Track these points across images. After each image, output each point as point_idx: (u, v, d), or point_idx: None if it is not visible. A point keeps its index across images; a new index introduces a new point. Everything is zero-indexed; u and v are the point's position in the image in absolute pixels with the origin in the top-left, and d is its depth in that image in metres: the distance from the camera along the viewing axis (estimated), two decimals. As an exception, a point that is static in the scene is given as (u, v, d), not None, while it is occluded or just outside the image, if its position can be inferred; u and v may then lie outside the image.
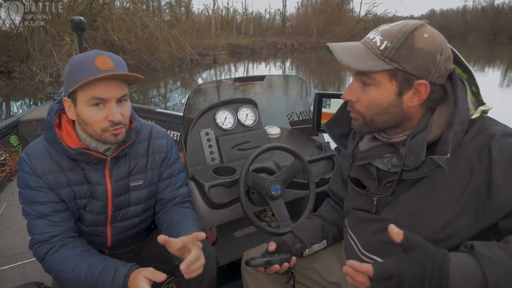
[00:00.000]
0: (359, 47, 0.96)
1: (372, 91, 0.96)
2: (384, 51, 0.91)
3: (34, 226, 1.25)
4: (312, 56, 27.35)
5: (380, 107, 0.96)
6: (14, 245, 2.38)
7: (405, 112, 0.96)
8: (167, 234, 1.31)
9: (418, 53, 0.89)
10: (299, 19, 39.90)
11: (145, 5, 18.98)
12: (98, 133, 1.20)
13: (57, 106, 1.28)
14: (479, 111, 0.93)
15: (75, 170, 1.28)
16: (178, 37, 16.91)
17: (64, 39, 12.33)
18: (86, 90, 1.15)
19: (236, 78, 2.03)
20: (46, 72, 12.36)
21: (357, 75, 0.98)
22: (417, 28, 0.90)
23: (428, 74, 0.90)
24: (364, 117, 1.00)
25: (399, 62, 0.89)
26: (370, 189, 1.09)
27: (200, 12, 35.65)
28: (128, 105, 1.25)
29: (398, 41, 0.89)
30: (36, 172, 1.23)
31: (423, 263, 0.78)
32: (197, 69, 18.23)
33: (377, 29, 0.96)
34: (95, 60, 1.14)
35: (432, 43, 0.89)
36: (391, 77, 0.92)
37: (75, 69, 1.16)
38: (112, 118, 1.18)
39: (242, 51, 27.67)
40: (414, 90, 0.92)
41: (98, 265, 1.18)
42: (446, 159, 0.85)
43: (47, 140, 1.25)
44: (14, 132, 3.67)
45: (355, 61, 0.94)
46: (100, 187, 1.31)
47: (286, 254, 1.22)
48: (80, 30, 2.93)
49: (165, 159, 1.46)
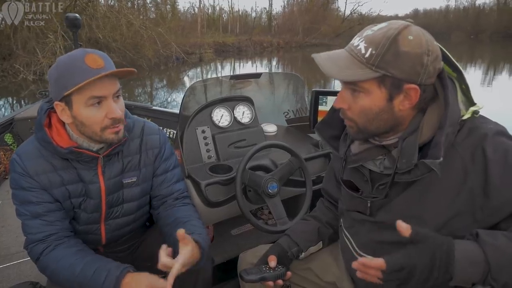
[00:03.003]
0: (344, 56, 0.94)
1: (362, 99, 0.94)
2: (369, 59, 0.88)
3: (29, 226, 1.24)
4: (298, 55, 27.45)
5: (371, 114, 0.95)
6: (10, 244, 2.35)
7: (397, 117, 0.94)
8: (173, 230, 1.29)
9: (404, 57, 0.86)
10: (285, 17, 40.03)
11: (130, 3, 18.84)
12: (98, 133, 1.18)
13: (46, 106, 1.25)
14: (470, 112, 0.93)
15: (68, 169, 1.26)
16: (163, 35, 16.80)
17: (48, 36, 12.13)
18: (82, 92, 1.12)
19: (232, 75, 2.03)
20: (29, 70, 12.14)
21: (346, 84, 0.96)
22: (400, 31, 0.87)
23: (417, 76, 0.88)
24: (357, 124, 0.99)
25: (386, 69, 0.87)
26: (364, 191, 1.09)
27: (186, 10, 35.56)
28: (122, 100, 1.24)
29: (382, 47, 0.87)
30: (28, 173, 1.21)
31: (432, 253, 0.82)
32: (183, 68, 18.15)
33: (361, 34, 0.94)
34: (85, 59, 1.11)
35: (418, 45, 0.87)
36: (379, 84, 0.91)
37: (66, 72, 1.12)
38: (113, 115, 1.16)
39: (229, 50, 27.64)
40: (404, 94, 0.91)
41: (92, 264, 1.16)
42: (439, 163, 0.84)
43: (38, 140, 1.23)
44: (9, 130, 3.63)
45: (341, 71, 0.92)
46: (93, 185, 1.30)
47: (282, 268, 1.20)
48: (76, 28, 2.89)
49: (158, 155, 1.44)
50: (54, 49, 12.01)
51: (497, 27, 47.95)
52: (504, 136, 0.89)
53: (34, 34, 12.45)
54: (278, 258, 1.22)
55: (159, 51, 16.49)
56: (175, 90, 12.82)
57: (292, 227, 1.36)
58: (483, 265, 0.78)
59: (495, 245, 0.79)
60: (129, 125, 1.34)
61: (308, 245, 1.29)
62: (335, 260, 1.30)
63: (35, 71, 12.15)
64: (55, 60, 1.18)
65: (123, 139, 1.28)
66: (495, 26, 48.41)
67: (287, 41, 33.59)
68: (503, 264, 0.78)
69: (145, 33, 15.75)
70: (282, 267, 1.20)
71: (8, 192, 3.03)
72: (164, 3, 22.45)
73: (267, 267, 1.19)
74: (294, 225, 1.38)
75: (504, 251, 0.79)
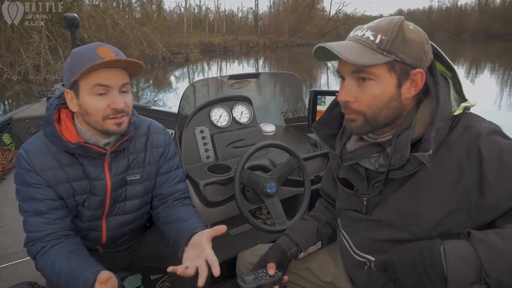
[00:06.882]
0: (353, 44, 0.95)
1: (371, 87, 0.94)
2: (380, 44, 0.90)
3: (30, 224, 1.24)
4: (284, 55, 27.53)
5: (382, 102, 0.95)
6: (7, 245, 2.34)
7: (402, 105, 0.96)
8: (172, 229, 1.32)
9: (410, 44, 0.90)
10: (271, 18, 40.07)
11: (115, 3, 18.65)
12: (100, 123, 1.19)
13: (56, 101, 1.27)
14: (461, 108, 0.94)
15: (74, 166, 1.27)
16: (149, 35, 16.70)
17: (32, 36, 11.96)
18: (89, 78, 1.14)
19: (231, 75, 2.02)
20: (13, 70, 11.98)
21: (354, 73, 0.96)
22: (403, 21, 0.92)
23: (421, 63, 0.92)
24: (365, 116, 0.97)
25: (397, 54, 0.90)
26: (359, 189, 1.10)
27: (172, 10, 35.30)
28: (130, 95, 1.25)
29: (391, 33, 0.90)
30: (34, 169, 1.22)
31: (411, 251, 0.86)
32: (170, 67, 18.05)
33: (360, 28, 0.96)
34: (97, 49, 1.15)
35: (418, 34, 0.93)
36: (390, 70, 0.92)
37: (77, 60, 1.16)
38: (115, 106, 1.17)
39: (215, 49, 27.57)
40: (410, 80, 0.93)
41: (75, 270, 1.15)
42: (429, 156, 0.86)
43: (46, 135, 1.24)
44: (7, 130, 3.61)
45: (357, 56, 0.91)
46: (100, 182, 1.30)
47: (279, 272, 1.20)
48: (74, 27, 2.86)
49: (163, 154, 1.46)
50: (39, 49, 11.86)
51: (478, 27, 49.03)
52: (498, 135, 0.90)
53: (18, 34, 12.27)
54: (277, 260, 1.22)
55: (145, 51, 16.42)
56: (162, 90, 12.76)
57: (291, 227, 1.36)
58: (474, 260, 0.78)
59: (485, 241, 0.80)
60: (135, 123, 1.36)
61: (307, 245, 1.30)
62: (333, 260, 1.31)
63: (20, 71, 11.99)
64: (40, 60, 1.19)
65: (128, 134, 1.29)
66: (476, 26, 49.48)
67: (273, 41, 33.65)
68: (494, 260, 0.78)
69: (130, 33, 15.66)
70: (279, 271, 1.20)
71: (6, 192, 3.00)
72: (149, 3, 22.24)
73: (264, 271, 1.19)
74: (293, 225, 1.39)
75: (494, 246, 0.79)
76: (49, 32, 12.18)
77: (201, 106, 1.93)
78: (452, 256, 0.79)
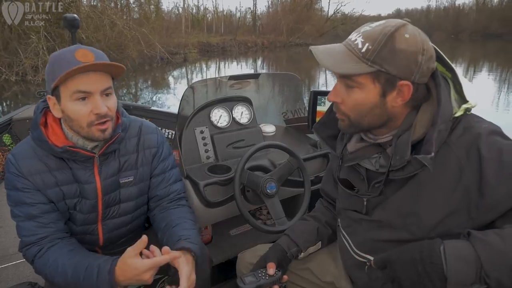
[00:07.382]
0: (341, 50, 0.95)
1: (355, 93, 0.95)
2: (365, 54, 0.90)
3: (23, 228, 1.23)
4: (283, 55, 27.52)
5: (364, 109, 0.96)
6: (8, 245, 2.34)
7: (389, 113, 0.96)
8: (165, 236, 1.32)
9: (399, 55, 0.88)
10: (270, 17, 40.14)
11: (113, 3, 18.59)
12: (85, 129, 1.17)
13: (42, 105, 1.25)
14: (462, 109, 0.94)
15: (62, 170, 1.25)
16: (147, 35, 16.67)
17: (30, 37, 11.93)
18: (68, 84, 1.11)
19: (231, 75, 2.01)
20: (12, 71, 11.96)
21: (341, 78, 0.98)
22: (397, 29, 0.89)
23: (411, 74, 0.89)
24: (349, 118, 1.00)
25: (381, 64, 0.89)
26: (360, 189, 1.10)
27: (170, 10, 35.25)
28: (113, 98, 1.22)
29: (379, 43, 0.89)
30: (22, 173, 1.20)
31: (411, 250, 0.86)
32: (168, 68, 18.03)
33: (359, 30, 0.96)
34: (75, 53, 1.11)
35: (413, 44, 0.89)
36: (374, 79, 0.92)
37: (56, 64, 1.13)
38: (97, 111, 1.14)
39: (213, 49, 27.57)
40: (397, 90, 0.92)
41: (82, 264, 1.15)
42: (431, 158, 0.86)
43: (34, 139, 1.22)
44: (7, 131, 3.61)
45: (336, 64, 0.94)
46: (89, 186, 1.28)
47: (278, 272, 1.20)
48: (74, 28, 2.84)
49: (156, 154, 1.43)
50: (37, 49, 11.84)
51: (476, 27, 49.13)
52: (498, 135, 0.91)
53: (16, 34, 12.25)
54: (277, 260, 1.22)
55: (143, 51, 16.38)
56: (160, 90, 12.75)
57: (291, 227, 1.37)
58: (474, 260, 0.78)
59: (485, 241, 0.80)
60: (125, 124, 1.32)
61: (307, 245, 1.30)
62: (333, 260, 1.31)
63: (18, 72, 11.97)
64: (38, 60, 1.18)
65: (115, 136, 1.26)
66: (474, 26, 49.59)
67: (272, 41, 33.67)
68: (494, 260, 0.78)
69: (128, 33, 15.61)
70: (278, 271, 1.20)
71: (5, 193, 2.98)
72: (147, 3, 22.19)
73: (264, 271, 1.20)
74: (293, 225, 1.39)
75: (494, 246, 0.79)
76: (47, 32, 12.16)
77: (201, 106, 1.93)
78: (452, 255, 0.80)
